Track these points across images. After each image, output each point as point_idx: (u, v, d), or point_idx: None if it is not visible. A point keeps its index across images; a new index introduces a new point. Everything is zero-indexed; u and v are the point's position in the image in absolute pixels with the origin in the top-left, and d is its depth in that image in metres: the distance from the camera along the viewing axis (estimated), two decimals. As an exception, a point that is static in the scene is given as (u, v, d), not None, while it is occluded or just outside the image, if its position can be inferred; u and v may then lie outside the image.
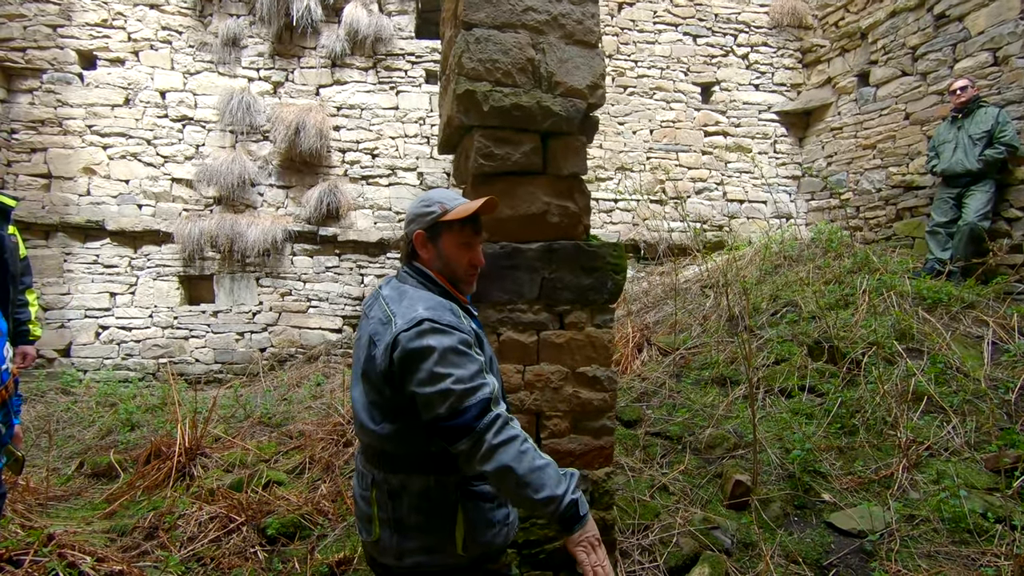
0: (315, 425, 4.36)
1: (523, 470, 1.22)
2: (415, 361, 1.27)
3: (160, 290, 6.19)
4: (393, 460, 1.40)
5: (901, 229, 6.10)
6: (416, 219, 1.52)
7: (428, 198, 1.54)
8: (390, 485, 1.40)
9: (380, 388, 1.36)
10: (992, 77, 5.19)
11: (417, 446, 1.38)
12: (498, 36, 2.33)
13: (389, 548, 1.40)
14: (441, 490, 1.39)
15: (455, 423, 1.24)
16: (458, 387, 1.25)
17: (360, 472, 1.52)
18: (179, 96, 6.34)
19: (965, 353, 3.92)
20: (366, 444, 1.46)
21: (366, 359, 1.39)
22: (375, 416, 1.39)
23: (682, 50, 7.15)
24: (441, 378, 1.25)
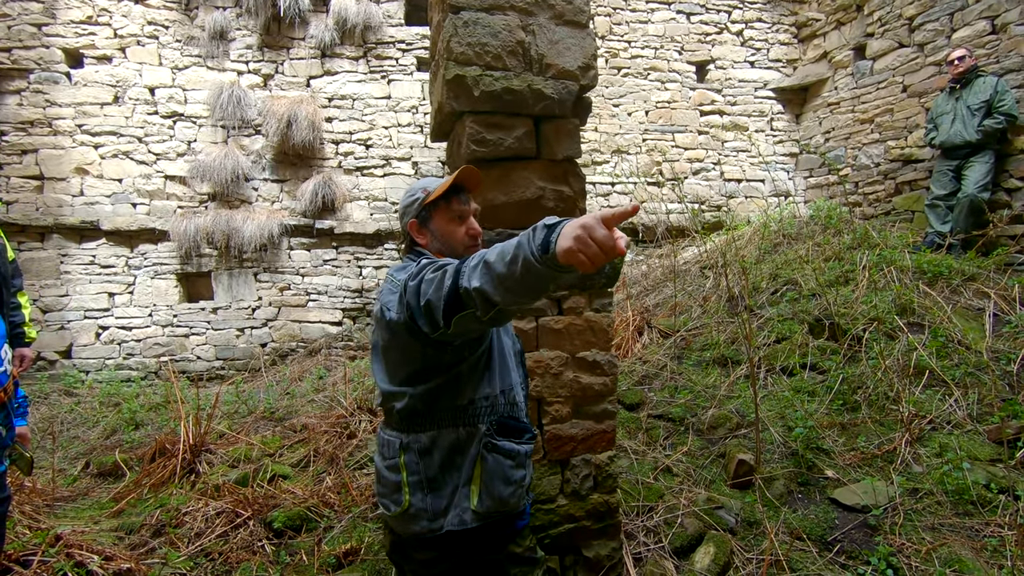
0: (318, 418, 4.37)
1: (498, 267, 1.08)
2: (418, 286, 1.25)
3: (158, 289, 6.18)
4: (424, 417, 1.44)
5: (900, 203, 6.06)
6: (406, 210, 1.61)
7: (412, 188, 1.62)
8: (420, 444, 1.43)
9: (406, 347, 1.37)
10: (990, 46, 5.12)
11: (448, 400, 1.43)
12: (487, 19, 2.29)
13: (421, 512, 1.41)
14: (468, 441, 1.44)
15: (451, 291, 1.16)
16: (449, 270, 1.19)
17: (385, 441, 1.52)
18: (168, 92, 6.27)
19: (967, 326, 3.91)
20: (396, 409, 1.46)
21: (384, 329, 1.41)
22: (406, 378, 1.42)
23: (675, 28, 7.06)
24: (435, 278, 1.21)
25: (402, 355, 1.41)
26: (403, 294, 1.29)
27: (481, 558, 1.49)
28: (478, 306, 1.13)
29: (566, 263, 0.99)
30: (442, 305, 1.17)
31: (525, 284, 1.06)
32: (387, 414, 1.55)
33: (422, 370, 1.40)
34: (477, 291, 1.11)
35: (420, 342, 1.33)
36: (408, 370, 1.42)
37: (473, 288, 1.11)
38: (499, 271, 1.08)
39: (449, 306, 1.17)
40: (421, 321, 1.24)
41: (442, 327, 1.20)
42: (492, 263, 1.09)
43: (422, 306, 1.22)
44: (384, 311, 1.39)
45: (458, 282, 1.14)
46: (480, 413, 1.46)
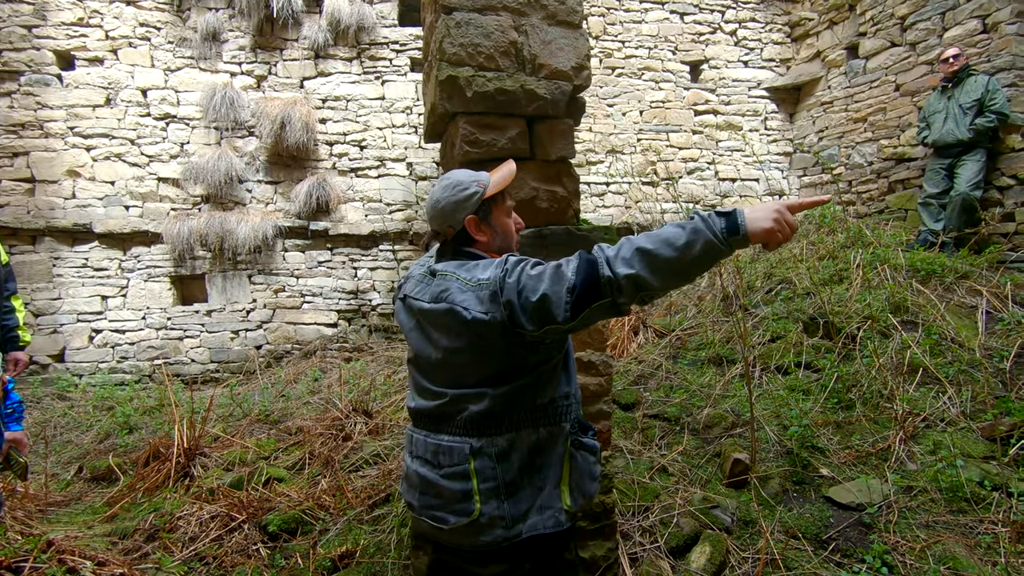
0: (314, 420, 4.36)
1: (662, 251, 1.15)
2: (518, 283, 1.25)
3: (152, 291, 6.14)
4: (501, 419, 1.36)
5: (894, 202, 6.09)
6: (459, 206, 1.45)
7: (459, 182, 1.48)
8: (497, 447, 1.35)
9: (490, 349, 1.32)
10: (982, 45, 5.15)
11: (528, 400, 1.37)
12: (479, 19, 2.28)
13: (497, 520, 1.33)
14: (552, 441, 1.40)
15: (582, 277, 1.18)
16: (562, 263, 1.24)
17: (444, 448, 1.40)
18: (161, 94, 6.24)
19: (960, 323, 3.93)
20: (469, 411, 1.37)
21: (454, 330, 1.35)
22: (481, 380, 1.35)
23: (669, 28, 7.07)
24: (542, 273, 1.24)
25: (481, 356, 1.34)
26: (497, 292, 1.26)
27: (551, 566, 1.43)
28: (624, 293, 1.17)
29: (757, 242, 1.18)
30: (572, 297, 1.18)
31: (698, 266, 1.17)
32: (441, 419, 1.43)
33: (505, 371, 1.34)
34: (630, 278, 1.15)
35: (508, 342, 1.29)
36: (487, 372, 1.35)
37: (625, 275, 1.15)
38: (666, 256, 1.15)
39: (582, 298, 1.17)
40: (524, 318, 1.23)
41: (560, 321, 1.20)
42: (653, 250, 1.15)
43: (534, 301, 1.21)
44: (458, 310, 1.32)
45: (598, 272, 1.17)
46: (562, 412, 1.42)
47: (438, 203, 1.46)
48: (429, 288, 1.45)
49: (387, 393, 4.85)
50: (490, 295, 1.29)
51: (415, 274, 1.55)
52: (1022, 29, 4.91)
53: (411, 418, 1.56)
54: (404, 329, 1.56)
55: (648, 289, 1.17)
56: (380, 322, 6.53)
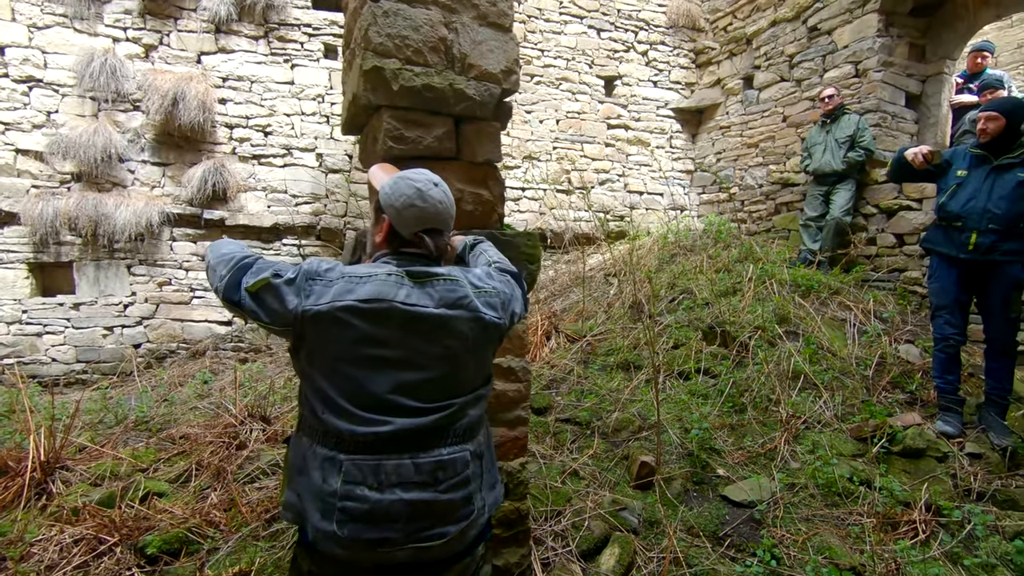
0: (202, 427, 3.98)
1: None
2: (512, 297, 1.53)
3: (4, 279, 5.31)
4: (480, 420, 1.47)
5: (779, 222, 6.70)
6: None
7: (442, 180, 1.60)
8: (481, 445, 1.45)
9: (491, 350, 1.49)
10: (854, 87, 5.81)
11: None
12: (408, 10, 2.19)
13: (484, 510, 1.42)
14: (487, 422, 1.57)
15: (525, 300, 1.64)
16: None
17: (444, 463, 1.32)
18: (23, 53, 5.43)
19: (832, 335, 4.39)
20: (470, 417, 1.42)
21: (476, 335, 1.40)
22: (481, 379, 1.46)
23: (587, 43, 7.30)
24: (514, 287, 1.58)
25: (484, 360, 1.46)
26: (506, 302, 1.48)
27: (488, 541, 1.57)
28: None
29: None
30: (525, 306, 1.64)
31: None
32: (438, 433, 1.34)
33: (491, 368, 1.53)
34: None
35: (497, 344, 1.50)
36: (485, 373, 1.48)
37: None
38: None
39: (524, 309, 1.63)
40: (511, 323, 1.52)
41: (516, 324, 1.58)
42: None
43: (519, 312, 1.55)
44: (483, 316, 1.40)
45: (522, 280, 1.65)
46: None
47: (447, 206, 1.52)
48: (430, 292, 1.33)
49: (287, 397, 4.54)
50: (501, 303, 1.46)
51: (371, 277, 1.33)
52: (887, 77, 5.60)
53: (366, 446, 1.29)
54: (365, 335, 1.29)
55: None
56: (281, 321, 6.11)
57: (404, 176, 1.48)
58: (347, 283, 1.31)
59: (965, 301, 3.50)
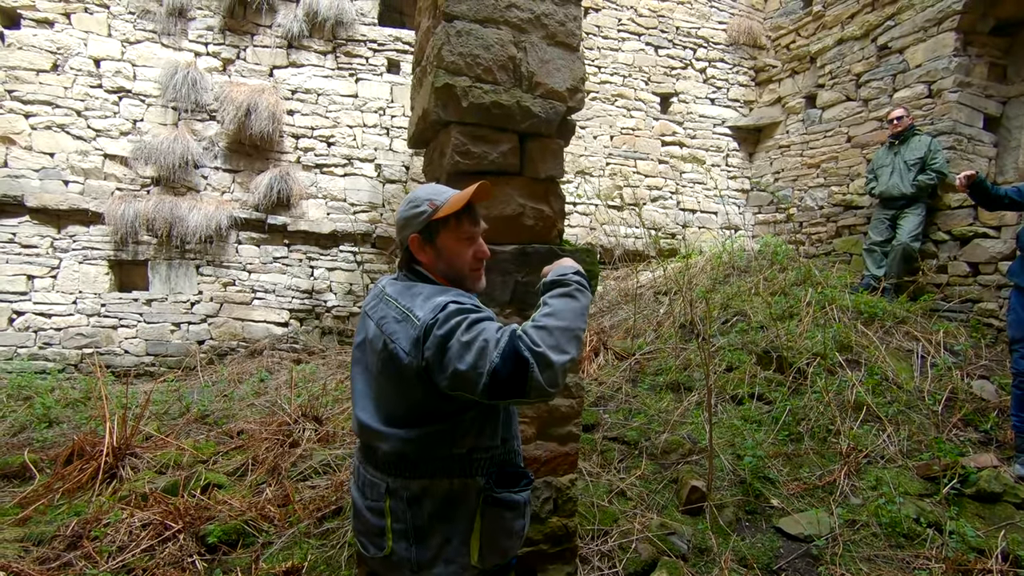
0: (259, 424, 4.14)
1: (563, 326, 1.21)
2: (446, 341, 1.18)
3: (87, 275, 5.71)
4: (415, 465, 1.33)
5: (840, 245, 6.45)
6: (407, 223, 1.44)
7: (415, 198, 1.45)
8: (410, 491, 1.33)
9: (408, 389, 1.28)
10: (926, 108, 5.56)
11: (444, 448, 1.32)
12: (480, 31, 2.26)
13: (405, 561, 1.33)
14: (464, 494, 1.34)
15: (509, 369, 1.12)
16: (491, 338, 1.16)
17: (368, 481, 1.40)
18: (116, 66, 5.87)
19: (898, 366, 4.18)
20: (381, 451, 1.35)
21: (383, 361, 1.31)
22: (397, 419, 1.32)
23: (644, 59, 7.28)
24: (472, 342, 1.16)
25: (397, 392, 1.31)
26: (421, 338, 1.22)
27: None
28: (557, 384, 1.16)
29: None
30: (490, 381, 1.13)
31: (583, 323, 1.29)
32: (367, 450, 1.42)
33: (418, 414, 1.31)
34: (564, 364, 1.16)
35: (424, 387, 1.25)
36: (402, 411, 1.33)
37: (561, 364, 1.16)
38: (581, 326, 1.24)
39: (503, 385, 1.13)
40: (439, 377, 1.20)
41: (476, 396, 1.16)
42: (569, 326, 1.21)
43: (452, 371, 1.17)
44: (388, 341, 1.29)
45: (528, 372, 1.12)
46: (477, 465, 1.35)
47: (397, 217, 1.48)
48: (378, 309, 1.42)
49: (338, 399, 4.67)
50: (414, 339, 1.24)
51: (378, 288, 1.52)
52: (963, 98, 5.34)
53: (357, 444, 1.54)
54: (354, 342, 1.53)
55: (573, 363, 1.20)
56: (334, 324, 6.32)
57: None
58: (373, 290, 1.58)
59: (1048, 336, 3.28)
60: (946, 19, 5.32)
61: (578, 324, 1.23)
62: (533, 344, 1.15)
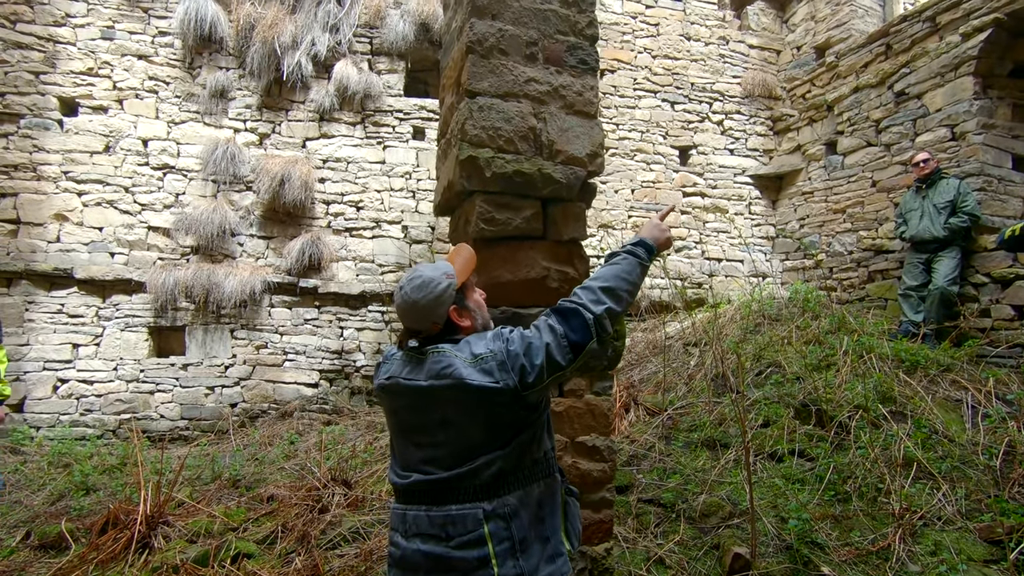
0: (289, 488, 4.13)
1: (619, 284, 1.56)
2: (526, 349, 1.44)
3: (127, 341, 5.93)
4: (512, 477, 1.47)
5: (873, 291, 6.30)
6: (439, 301, 1.52)
7: (430, 279, 1.53)
8: (509, 507, 1.44)
9: (499, 412, 1.44)
10: (951, 151, 5.52)
11: (530, 454, 1.51)
12: (501, 105, 2.37)
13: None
14: (550, 492, 1.54)
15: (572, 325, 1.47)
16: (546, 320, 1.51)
17: (450, 519, 1.43)
18: (162, 145, 6.29)
19: (947, 417, 3.97)
20: (481, 477, 1.45)
21: (460, 402, 1.44)
22: (487, 445, 1.45)
23: (661, 115, 7.47)
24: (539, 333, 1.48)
25: (488, 422, 1.46)
26: (505, 361, 1.43)
27: None
28: (604, 327, 1.49)
29: (662, 250, 1.72)
30: (568, 343, 1.44)
31: (639, 286, 1.62)
32: (446, 491, 1.46)
33: (511, 433, 1.48)
34: (605, 312, 1.50)
35: (514, 405, 1.44)
36: (496, 436, 1.47)
37: (602, 312, 1.49)
38: (627, 287, 1.57)
39: (577, 342, 1.45)
40: (534, 376, 1.42)
41: (564, 365, 1.44)
42: (615, 288, 1.54)
43: (541, 360, 1.42)
44: (466, 381, 1.42)
45: (583, 316, 1.47)
46: (551, 464, 1.58)
47: (416, 303, 1.51)
48: (423, 367, 1.50)
49: (367, 462, 4.64)
50: (498, 365, 1.43)
51: (394, 357, 1.62)
52: (988, 139, 5.30)
53: (400, 495, 1.55)
54: (391, 408, 1.59)
55: (617, 315, 1.53)
56: (363, 384, 6.36)
57: (414, 267, 1.62)
58: (388, 364, 1.62)
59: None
60: (962, 64, 5.36)
61: (615, 284, 1.55)
62: (576, 300, 1.52)
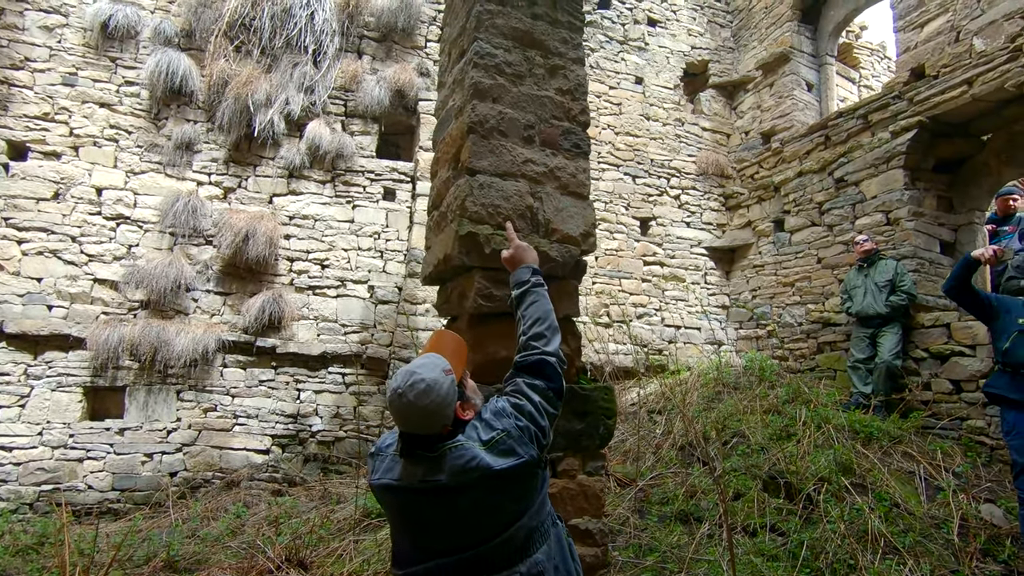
0: (235, 571, 3.79)
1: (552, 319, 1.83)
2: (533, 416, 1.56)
3: (58, 403, 5.42)
4: (535, 535, 1.52)
5: (823, 361, 6.61)
6: (447, 400, 1.48)
7: (434, 382, 1.47)
8: (538, 565, 1.50)
9: (525, 481, 1.52)
10: (887, 234, 6.02)
11: (544, 507, 1.60)
12: (500, 183, 2.43)
13: None
14: (560, 535, 1.63)
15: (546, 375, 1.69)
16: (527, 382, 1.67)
17: None
18: (118, 194, 6.03)
19: (904, 490, 4.12)
20: (511, 547, 1.48)
21: (490, 487, 1.45)
22: (518, 512, 1.50)
23: (623, 187, 7.84)
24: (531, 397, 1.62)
25: (518, 496, 1.51)
26: (520, 436, 1.50)
27: None
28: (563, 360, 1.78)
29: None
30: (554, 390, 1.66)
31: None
32: (482, 564, 1.47)
33: (533, 490, 1.55)
34: (559, 344, 1.79)
35: (537, 469, 1.54)
36: (522, 504, 1.52)
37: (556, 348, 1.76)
38: (553, 317, 1.84)
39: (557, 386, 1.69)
40: (547, 436, 1.58)
41: (558, 411, 1.66)
42: (552, 323, 1.81)
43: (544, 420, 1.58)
44: (497, 469, 1.44)
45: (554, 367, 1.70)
46: (553, 511, 1.68)
47: (424, 410, 1.45)
48: (440, 465, 1.45)
49: (324, 538, 4.33)
50: (516, 441, 1.50)
51: (390, 453, 1.58)
52: (918, 226, 5.82)
53: None
54: (404, 509, 1.54)
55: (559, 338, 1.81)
56: (318, 451, 6.02)
57: (406, 367, 1.53)
58: (391, 460, 1.58)
59: (1051, 460, 3.32)
60: (893, 158, 5.95)
61: (551, 320, 1.80)
62: (534, 353, 1.71)
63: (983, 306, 3.76)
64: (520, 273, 1.91)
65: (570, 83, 2.69)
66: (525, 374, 1.65)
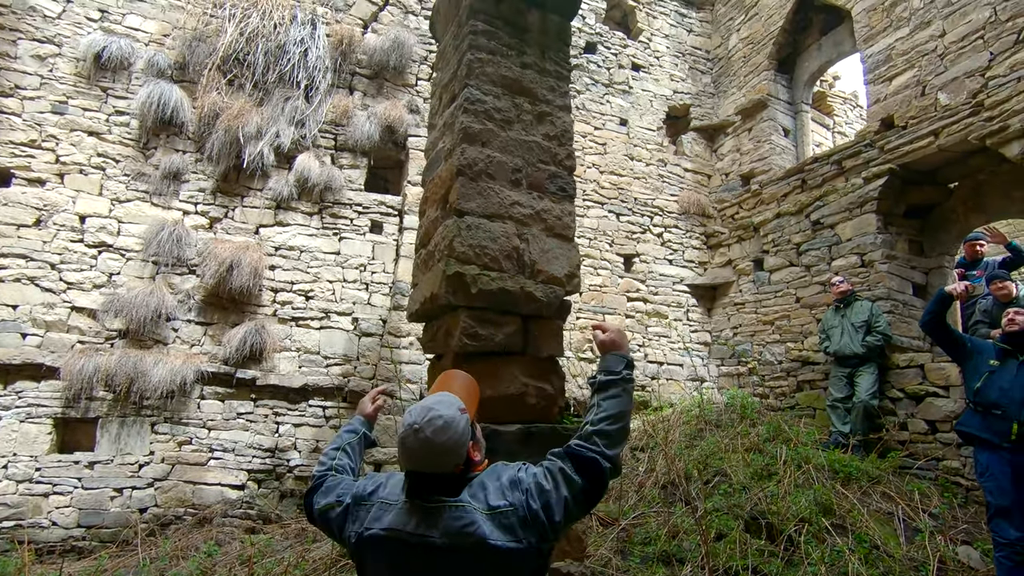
0: (205, 616, 3.64)
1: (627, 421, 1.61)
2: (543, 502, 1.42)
3: (26, 434, 5.25)
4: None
5: (803, 399, 6.69)
6: (461, 439, 1.42)
7: (452, 418, 1.41)
8: None
9: (522, 567, 1.42)
10: (862, 276, 6.20)
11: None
12: (487, 224, 2.49)
13: None
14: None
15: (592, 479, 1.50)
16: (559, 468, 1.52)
17: None
18: (101, 222, 5.99)
19: (883, 531, 4.15)
20: None
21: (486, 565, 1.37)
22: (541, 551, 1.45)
23: (607, 225, 7.99)
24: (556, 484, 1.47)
25: (508, 573, 1.42)
26: (527, 518, 1.39)
27: None
28: (618, 469, 1.52)
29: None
30: (584, 497, 1.47)
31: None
32: None
33: (531, 573, 1.46)
34: (618, 455, 1.52)
35: (537, 562, 1.44)
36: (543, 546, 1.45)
37: (616, 454, 1.52)
38: (626, 423, 1.59)
39: (593, 493, 1.48)
40: (555, 534, 1.43)
41: (579, 517, 1.52)
42: (624, 426, 1.58)
43: (560, 518, 1.43)
44: (491, 544, 1.36)
45: (601, 467, 1.47)
46: None
47: (442, 447, 1.38)
48: (436, 521, 1.38)
49: (299, 580, 4.19)
50: (519, 521, 1.38)
51: (390, 501, 1.47)
52: (892, 268, 6.01)
53: None
54: (388, 562, 1.43)
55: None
56: (296, 486, 5.87)
57: (422, 404, 1.46)
58: (378, 509, 1.47)
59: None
60: (866, 203, 6.18)
61: (624, 422, 1.57)
62: (593, 448, 1.49)
63: (957, 344, 3.88)
64: (614, 362, 1.67)
65: (557, 129, 2.78)
66: (570, 461, 1.48)
